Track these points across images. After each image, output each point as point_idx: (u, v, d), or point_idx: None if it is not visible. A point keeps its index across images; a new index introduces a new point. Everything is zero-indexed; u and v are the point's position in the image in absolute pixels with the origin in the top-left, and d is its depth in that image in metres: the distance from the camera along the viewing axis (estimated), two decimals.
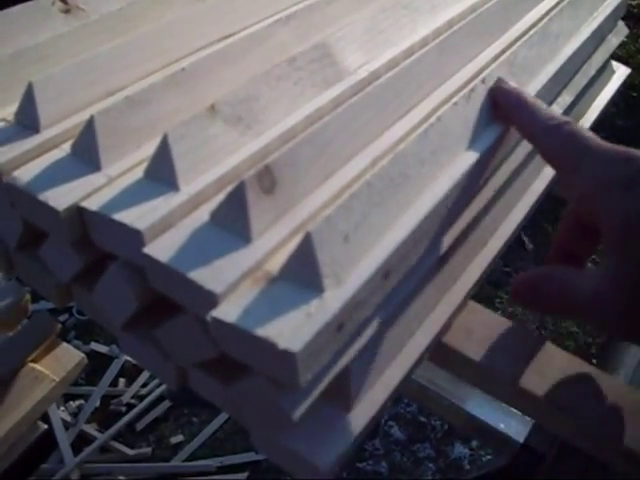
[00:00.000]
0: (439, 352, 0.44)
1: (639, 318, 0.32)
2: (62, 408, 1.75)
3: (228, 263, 0.32)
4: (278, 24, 0.48)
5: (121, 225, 0.34)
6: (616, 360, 0.56)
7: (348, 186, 0.37)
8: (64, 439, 1.66)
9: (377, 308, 0.34)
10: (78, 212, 0.36)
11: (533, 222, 2.04)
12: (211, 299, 0.31)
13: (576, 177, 0.36)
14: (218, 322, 0.30)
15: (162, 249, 0.33)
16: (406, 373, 0.40)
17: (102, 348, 1.90)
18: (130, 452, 1.67)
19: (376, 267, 0.32)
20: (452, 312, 0.44)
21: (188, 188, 0.36)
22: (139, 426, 1.73)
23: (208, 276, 0.31)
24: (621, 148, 0.35)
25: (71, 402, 1.77)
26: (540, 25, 0.54)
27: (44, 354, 0.66)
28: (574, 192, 0.37)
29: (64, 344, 0.68)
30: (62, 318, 1.94)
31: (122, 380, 1.83)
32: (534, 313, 1.94)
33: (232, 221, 0.33)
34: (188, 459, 1.67)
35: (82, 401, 1.77)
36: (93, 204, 0.36)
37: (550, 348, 0.46)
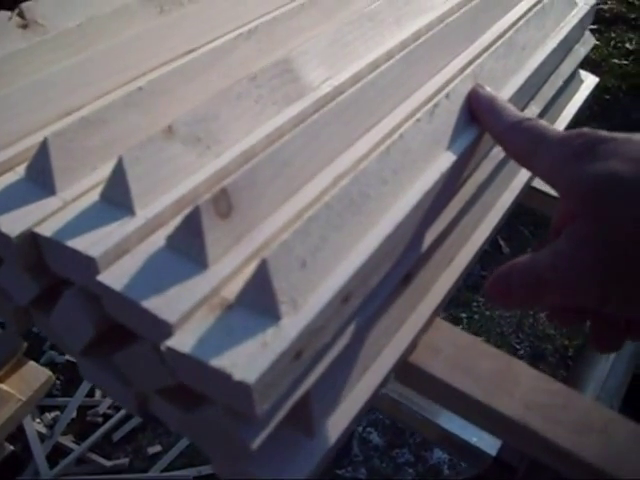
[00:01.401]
0: (405, 371, 0.44)
1: (601, 274, 0.32)
2: (37, 420, 1.72)
3: (183, 291, 0.31)
4: (240, 38, 0.47)
5: (75, 252, 0.33)
6: (584, 375, 0.56)
7: (308, 207, 0.36)
8: (39, 451, 1.63)
9: (337, 332, 0.34)
10: (32, 237, 0.35)
11: (509, 226, 2.04)
12: (165, 328, 0.30)
13: (535, 161, 0.38)
14: (173, 352, 0.30)
15: (116, 277, 0.32)
16: (371, 395, 0.39)
17: None
18: (107, 463, 1.65)
19: (334, 292, 0.32)
20: (418, 331, 0.43)
21: (144, 212, 0.35)
22: (116, 437, 1.71)
23: (162, 305, 0.31)
24: (574, 130, 0.37)
25: (47, 414, 1.74)
26: (506, 36, 0.54)
27: (10, 373, 0.65)
28: (537, 176, 0.39)
29: (31, 362, 0.67)
30: (37, 329, 1.91)
31: (98, 391, 1.81)
32: (511, 316, 1.95)
33: (188, 247, 0.33)
34: (166, 469, 1.65)
35: (58, 412, 1.75)
36: (47, 230, 0.35)
37: (518, 366, 0.46)
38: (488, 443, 0.64)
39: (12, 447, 0.64)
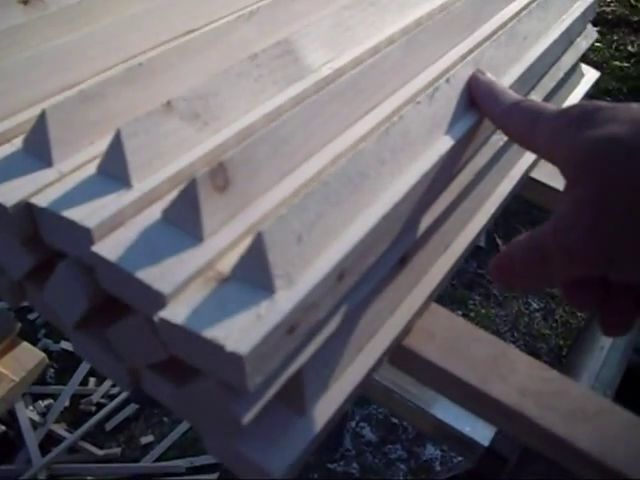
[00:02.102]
0: (400, 355, 0.44)
1: (603, 235, 0.32)
2: (30, 408, 1.72)
3: (178, 263, 0.31)
4: (241, 20, 0.47)
5: (70, 222, 0.33)
6: (580, 363, 0.56)
7: (305, 185, 0.36)
8: (32, 439, 1.63)
9: (332, 310, 0.34)
10: (27, 208, 0.35)
11: (506, 224, 2.05)
12: (159, 299, 0.30)
13: (534, 139, 0.38)
14: (166, 323, 0.30)
15: (111, 248, 0.32)
16: (364, 376, 0.39)
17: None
18: (99, 452, 1.64)
19: (330, 268, 0.32)
20: (413, 314, 0.43)
21: (141, 185, 0.35)
22: (109, 426, 1.71)
23: (156, 276, 0.31)
24: (571, 104, 0.37)
25: (40, 401, 1.74)
26: (508, 26, 0.53)
27: (3, 354, 0.65)
28: (538, 153, 0.39)
29: (24, 343, 0.67)
30: (32, 316, 1.91)
31: (92, 379, 1.81)
32: (506, 315, 1.95)
33: (184, 219, 0.33)
34: (158, 459, 1.65)
35: (51, 400, 1.75)
36: (43, 200, 0.35)
37: (513, 353, 0.45)
38: (481, 434, 0.64)
39: (4, 427, 0.64)
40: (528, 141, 0.39)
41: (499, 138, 0.50)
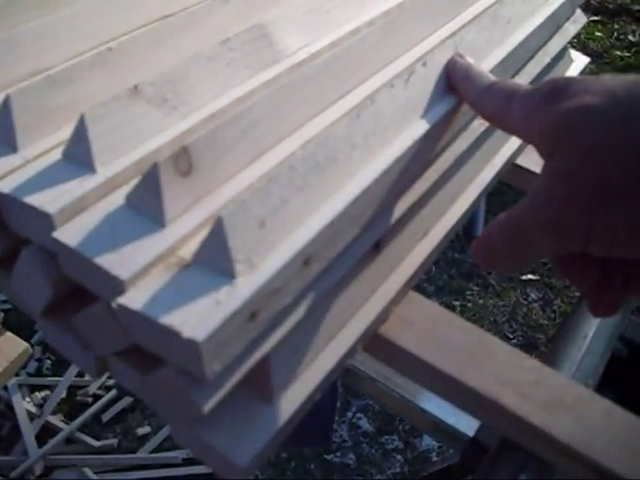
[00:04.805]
0: (376, 343, 0.43)
1: (579, 206, 0.31)
2: (27, 399, 1.72)
3: (139, 248, 0.31)
4: (216, 3, 0.47)
5: (32, 208, 0.33)
6: (562, 351, 0.55)
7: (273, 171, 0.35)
8: (29, 430, 1.63)
9: (299, 296, 0.33)
10: None
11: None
12: (118, 285, 0.30)
13: (509, 118, 0.37)
14: (124, 309, 0.29)
15: (72, 233, 0.32)
16: (335, 364, 0.38)
17: None
18: (96, 443, 1.64)
19: (294, 253, 0.31)
20: (388, 302, 0.42)
21: (105, 170, 0.34)
22: (105, 417, 1.71)
23: (116, 262, 0.30)
24: (544, 82, 0.36)
25: (37, 393, 1.74)
26: (492, 9, 0.53)
27: None
28: (514, 133, 0.39)
29: (8, 333, 0.66)
30: None
31: None
32: (504, 305, 1.94)
33: (146, 204, 0.32)
34: (154, 451, 1.65)
35: (48, 392, 1.75)
36: (5, 186, 0.34)
37: (492, 341, 0.45)
38: (466, 424, 0.63)
39: None
40: (504, 121, 0.38)
41: (480, 123, 0.49)
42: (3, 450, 1.61)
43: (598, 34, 3.00)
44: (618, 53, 2.92)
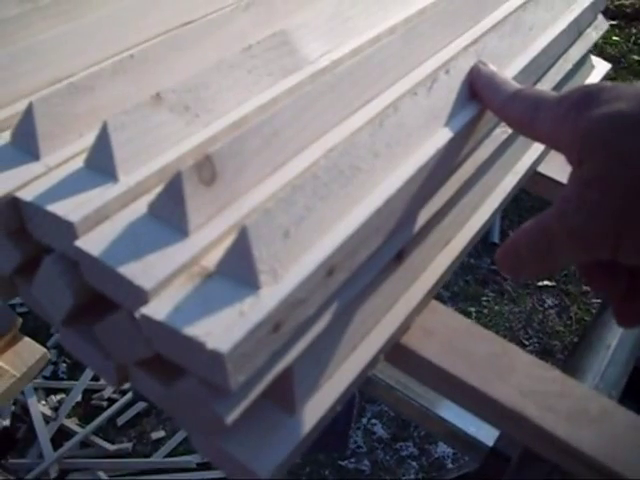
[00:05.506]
0: (397, 353, 0.43)
1: (609, 214, 0.31)
2: (43, 402, 1.73)
3: (162, 258, 0.30)
4: (237, 11, 0.46)
5: (54, 217, 0.33)
6: (585, 362, 0.54)
7: (297, 179, 0.35)
8: (44, 433, 1.64)
9: (322, 306, 0.33)
10: (13, 202, 0.35)
11: (520, 220, 2.02)
12: (141, 295, 0.29)
13: (536, 126, 0.37)
14: (147, 319, 0.29)
15: (94, 242, 0.31)
16: (357, 375, 0.38)
17: None
18: (110, 447, 1.65)
19: (318, 263, 0.31)
20: (410, 312, 0.42)
21: (127, 179, 0.34)
22: (120, 421, 1.71)
23: (139, 271, 0.30)
24: (572, 89, 0.36)
25: (52, 396, 1.75)
26: (513, 16, 0.52)
27: (4, 349, 0.65)
28: (541, 141, 0.39)
29: (26, 339, 0.66)
30: None
31: None
32: (520, 312, 1.93)
33: (169, 213, 0.32)
34: (169, 455, 1.65)
35: (63, 395, 1.76)
36: (28, 194, 0.34)
37: (514, 351, 0.44)
38: (486, 433, 0.63)
39: (4, 423, 0.63)
40: (531, 128, 0.38)
41: (502, 131, 0.49)
42: (19, 453, 1.61)
43: (615, 38, 2.98)
44: (635, 57, 2.90)
